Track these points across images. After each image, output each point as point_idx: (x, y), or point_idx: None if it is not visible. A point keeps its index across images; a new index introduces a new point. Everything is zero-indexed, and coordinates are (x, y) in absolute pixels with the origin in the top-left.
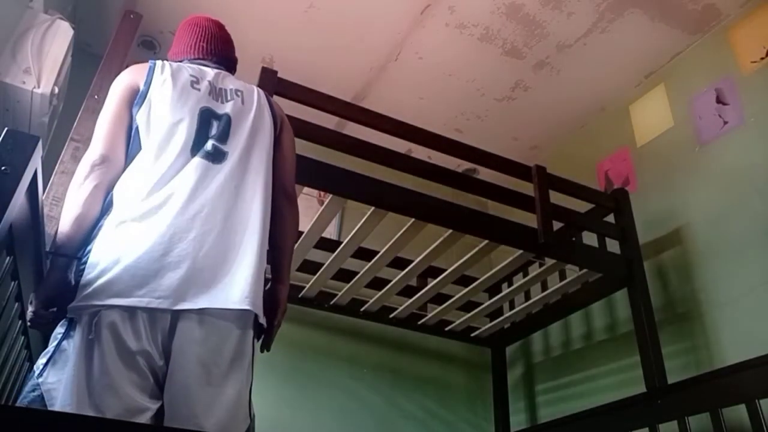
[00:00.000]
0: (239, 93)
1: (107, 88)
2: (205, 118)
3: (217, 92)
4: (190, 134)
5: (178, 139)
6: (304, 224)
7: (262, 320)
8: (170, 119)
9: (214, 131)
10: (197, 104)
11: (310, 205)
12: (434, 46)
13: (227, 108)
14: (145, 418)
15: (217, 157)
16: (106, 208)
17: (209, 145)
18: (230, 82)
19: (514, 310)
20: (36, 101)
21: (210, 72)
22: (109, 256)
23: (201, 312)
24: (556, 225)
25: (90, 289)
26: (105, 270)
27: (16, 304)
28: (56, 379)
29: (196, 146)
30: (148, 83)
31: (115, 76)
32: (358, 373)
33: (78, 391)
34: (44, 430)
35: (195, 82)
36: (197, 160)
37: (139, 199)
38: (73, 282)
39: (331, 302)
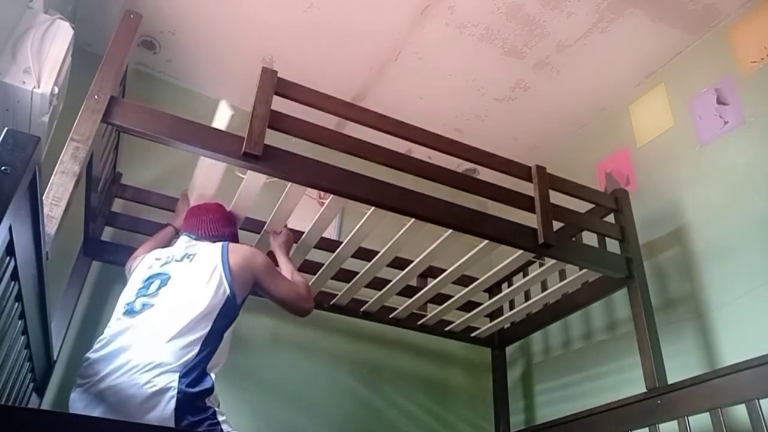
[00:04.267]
0: (191, 256)
1: (107, 88)
2: (148, 281)
3: (176, 258)
4: (128, 298)
5: (119, 304)
6: (305, 224)
7: None
8: (124, 293)
9: (149, 290)
10: (147, 273)
11: (310, 205)
12: (434, 46)
13: (171, 269)
14: None
15: (135, 312)
16: None
17: (138, 302)
18: (195, 249)
19: (514, 310)
20: (36, 101)
21: (184, 243)
22: None
23: None
24: (556, 225)
25: None
26: None
27: (16, 304)
28: None
29: (129, 305)
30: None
31: (115, 76)
32: (358, 373)
33: None
34: (44, 429)
35: (158, 258)
36: (123, 318)
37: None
38: None
39: (331, 302)
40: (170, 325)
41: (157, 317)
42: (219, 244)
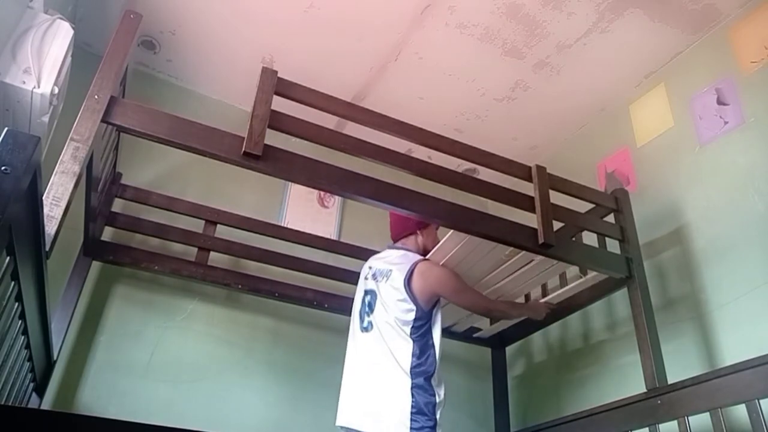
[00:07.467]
0: (388, 272)
1: (107, 88)
2: (366, 297)
3: (376, 273)
4: (357, 315)
5: (353, 321)
6: (305, 225)
7: None
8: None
9: (367, 307)
10: (363, 289)
11: (310, 206)
12: (434, 46)
13: (372, 285)
14: None
15: (367, 327)
16: None
17: (365, 320)
18: (387, 261)
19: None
20: (36, 101)
21: (382, 255)
22: None
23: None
24: (556, 225)
25: None
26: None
27: (16, 304)
28: None
29: (361, 322)
30: None
31: (115, 76)
32: None
33: None
34: (44, 429)
35: (364, 274)
36: (359, 334)
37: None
38: None
39: (326, 304)
40: None
41: None
42: (407, 264)
